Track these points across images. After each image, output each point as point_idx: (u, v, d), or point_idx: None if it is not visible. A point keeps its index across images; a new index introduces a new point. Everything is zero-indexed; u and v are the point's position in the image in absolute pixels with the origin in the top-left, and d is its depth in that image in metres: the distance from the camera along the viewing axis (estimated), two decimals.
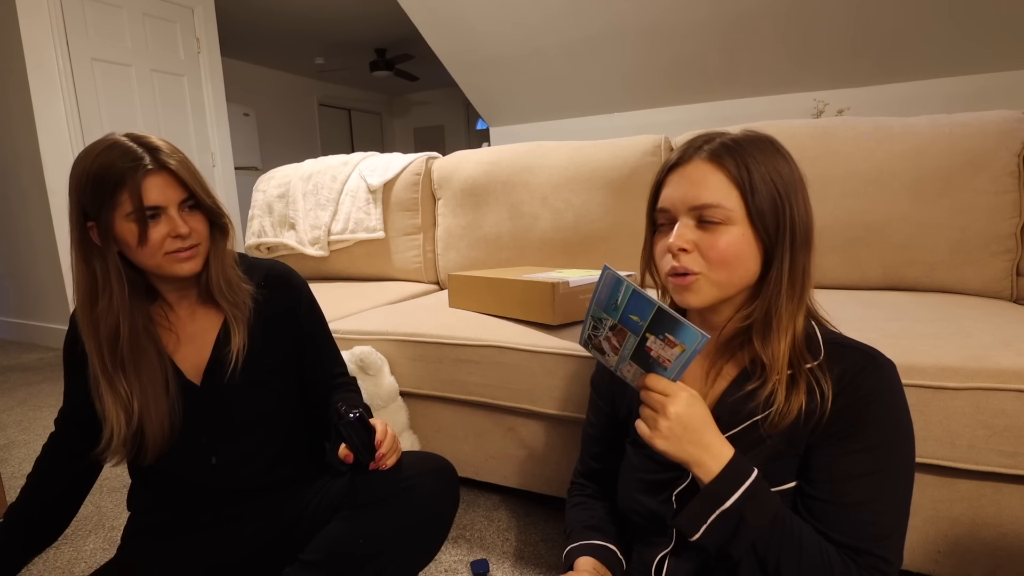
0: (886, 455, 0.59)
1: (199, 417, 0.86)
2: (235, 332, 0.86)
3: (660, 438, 0.59)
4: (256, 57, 6.07)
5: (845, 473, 0.60)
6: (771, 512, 0.58)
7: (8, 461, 1.71)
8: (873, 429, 0.59)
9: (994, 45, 2.99)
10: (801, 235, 0.62)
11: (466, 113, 7.92)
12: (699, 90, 3.87)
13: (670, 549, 0.69)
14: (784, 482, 0.63)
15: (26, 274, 3.25)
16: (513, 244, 1.77)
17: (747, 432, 0.64)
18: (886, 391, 0.60)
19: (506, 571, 1.09)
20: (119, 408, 0.80)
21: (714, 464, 0.59)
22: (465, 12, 3.76)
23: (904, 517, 0.61)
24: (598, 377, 0.86)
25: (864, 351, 0.63)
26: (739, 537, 0.58)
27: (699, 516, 0.59)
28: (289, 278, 0.96)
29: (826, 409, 0.59)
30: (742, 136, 0.64)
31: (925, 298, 1.26)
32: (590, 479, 0.88)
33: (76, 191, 0.76)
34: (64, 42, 2.83)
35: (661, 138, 1.62)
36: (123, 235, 0.76)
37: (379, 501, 0.83)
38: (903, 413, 0.61)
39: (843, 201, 1.37)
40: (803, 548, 0.58)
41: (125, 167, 0.74)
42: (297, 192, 2.09)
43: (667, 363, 0.58)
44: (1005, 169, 1.27)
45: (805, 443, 0.62)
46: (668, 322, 0.56)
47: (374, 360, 1.21)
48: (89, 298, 0.79)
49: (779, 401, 0.61)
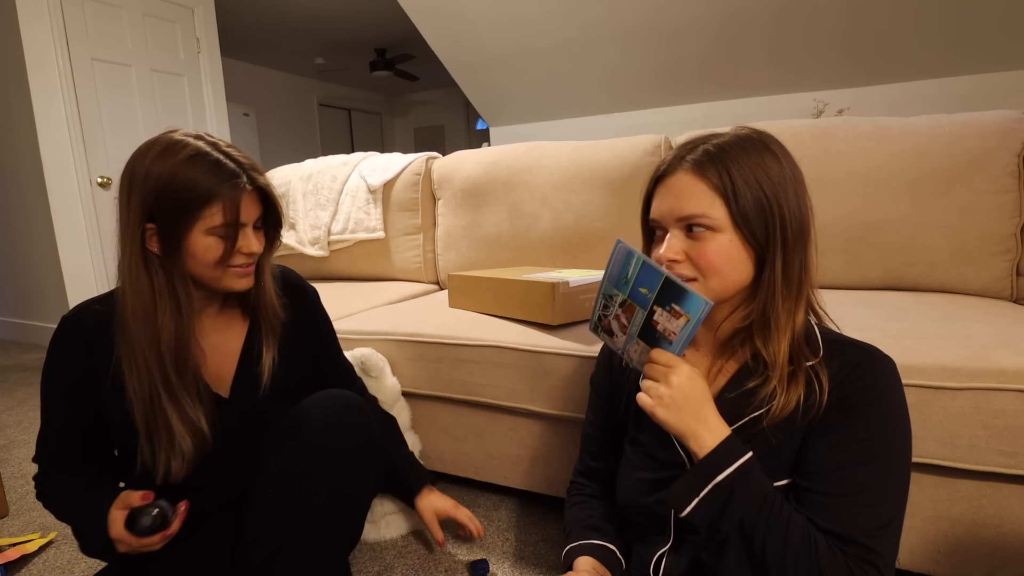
0: (880, 447, 0.60)
1: (230, 431, 0.84)
2: (268, 347, 0.85)
3: (661, 406, 0.60)
4: (256, 57, 6.07)
5: (837, 463, 0.60)
6: (761, 493, 0.59)
7: (8, 461, 1.71)
8: (867, 422, 0.60)
9: (993, 45, 2.99)
10: (794, 233, 0.62)
11: (466, 113, 7.92)
12: (699, 90, 3.87)
13: (668, 547, 0.69)
14: (779, 478, 0.63)
15: (26, 274, 3.25)
16: (513, 244, 1.77)
17: (746, 428, 0.64)
18: (884, 385, 0.61)
19: (506, 571, 1.09)
20: (185, 426, 0.76)
21: (710, 438, 0.60)
22: (465, 12, 3.76)
23: (899, 511, 0.61)
24: (598, 376, 0.86)
25: (862, 347, 0.63)
26: (728, 514, 0.58)
27: (692, 489, 0.59)
28: (303, 286, 0.96)
29: (823, 404, 0.60)
30: (728, 140, 0.64)
31: (925, 298, 1.26)
32: (589, 478, 0.88)
33: (143, 192, 0.71)
34: (64, 42, 2.83)
35: (661, 138, 1.62)
36: (197, 248, 0.73)
37: (275, 446, 0.80)
38: (900, 408, 0.61)
39: (843, 201, 1.37)
40: (789, 532, 0.58)
41: (222, 182, 0.71)
42: (297, 192, 2.09)
43: (672, 336, 0.61)
44: (1005, 169, 1.27)
45: (800, 437, 0.62)
46: (675, 291, 0.59)
47: (376, 362, 1.22)
48: (147, 307, 0.73)
49: (778, 396, 0.62)
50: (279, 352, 0.87)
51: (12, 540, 1.26)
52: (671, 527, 0.69)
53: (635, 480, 0.74)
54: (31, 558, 1.21)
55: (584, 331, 1.13)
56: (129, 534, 0.71)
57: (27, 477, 1.59)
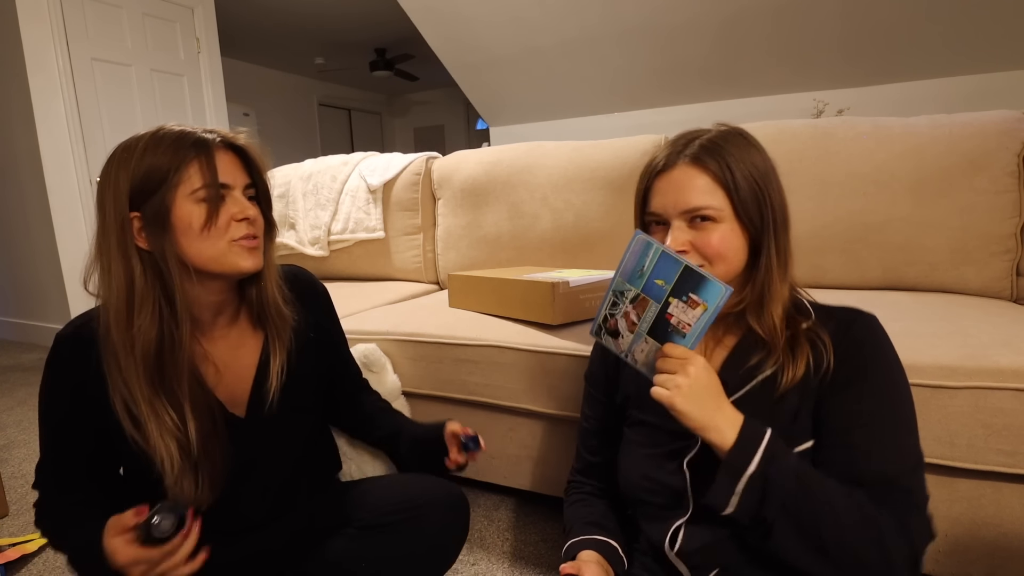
0: (894, 393, 0.63)
1: (248, 452, 0.78)
2: (274, 357, 0.78)
3: (680, 396, 0.60)
4: (256, 57, 6.07)
5: (856, 416, 0.62)
6: (792, 468, 0.59)
7: (8, 461, 1.71)
8: (873, 371, 0.63)
9: (993, 45, 2.99)
10: (781, 218, 0.67)
11: (466, 113, 7.92)
12: (699, 90, 3.87)
13: (687, 518, 0.69)
14: (802, 442, 0.64)
15: (26, 274, 3.25)
16: (513, 244, 1.77)
17: (757, 394, 0.66)
18: (880, 337, 0.65)
19: (506, 571, 1.09)
20: (167, 437, 0.68)
21: (729, 428, 0.60)
22: (465, 12, 3.76)
23: (919, 452, 0.63)
24: (592, 369, 0.87)
25: (847, 308, 0.68)
26: (769, 499, 0.58)
27: (727, 488, 0.59)
28: (314, 285, 0.90)
29: (831, 360, 0.63)
30: (717, 134, 0.68)
31: (925, 298, 1.26)
32: (588, 476, 0.88)
33: (121, 174, 0.67)
34: (64, 42, 2.83)
35: (661, 138, 1.62)
36: (184, 218, 0.67)
37: (387, 525, 0.80)
38: (894, 356, 0.65)
39: (843, 201, 1.37)
40: (831, 496, 0.58)
41: (194, 141, 0.68)
42: (297, 192, 2.09)
43: (686, 328, 0.61)
44: (1005, 169, 1.27)
45: (813, 398, 0.65)
46: (693, 279, 0.59)
47: (377, 358, 1.22)
48: (128, 307, 0.67)
49: (786, 362, 0.65)
50: (297, 357, 0.81)
51: (12, 540, 1.26)
52: (689, 498, 0.69)
53: (642, 458, 0.74)
54: (31, 558, 1.21)
55: (584, 331, 1.13)
56: (147, 548, 0.61)
57: (27, 477, 1.59)
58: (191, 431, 0.70)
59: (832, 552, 0.57)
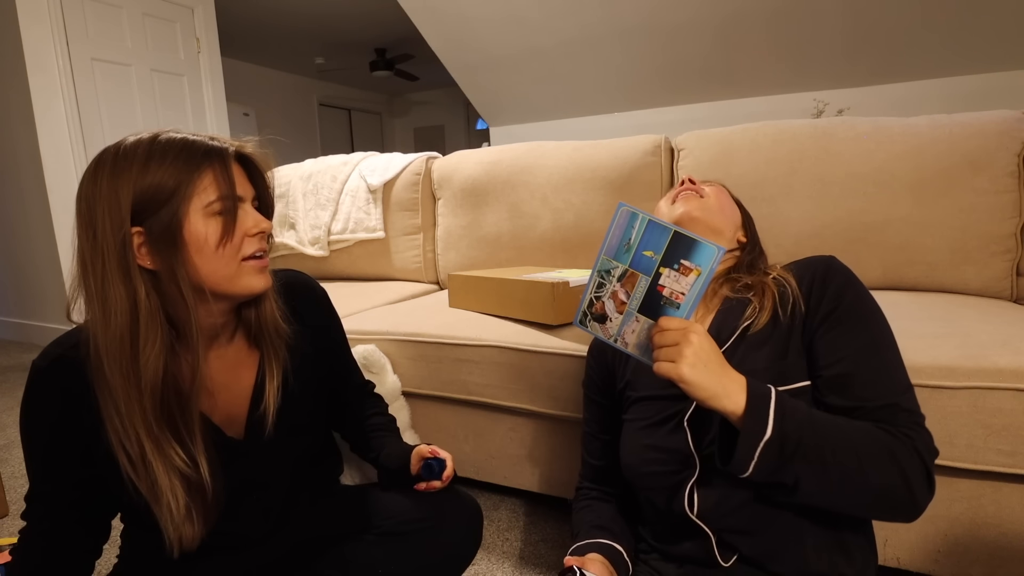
0: (874, 322, 0.67)
1: (248, 473, 0.74)
2: (271, 377, 0.73)
3: (687, 366, 0.57)
4: (256, 57, 6.07)
5: (848, 345, 0.65)
6: (805, 418, 0.59)
7: (8, 461, 1.71)
8: (853, 301, 0.67)
9: (993, 45, 2.99)
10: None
11: (466, 113, 7.92)
12: (699, 90, 3.88)
13: (695, 478, 0.68)
14: (797, 380, 0.66)
15: (26, 274, 3.25)
16: (513, 244, 1.77)
17: (739, 343, 0.70)
18: (848, 273, 0.71)
19: (506, 571, 1.09)
20: (173, 476, 0.63)
21: (738, 391, 0.58)
22: (465, 12, 3.76)
23: (907, 373, 0.66)
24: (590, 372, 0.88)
25: (810, 257, 0.74)
26: (786, 454, 0.57)
27: (748, 455, 0.58)
28: (311, 289, 0.86)
29: (798, 294, 0.69)
30: None
31: (925, 298, 1.26)
32: (596, 480, 0.88)
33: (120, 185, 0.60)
34: (64, 42, 2.83)
35: (661, 138, 1.62)
36: (198, 233, 0.61)
37: (407, 533, 0.81)
38: (866, 290, 0.70)
39: (843, 201, 1.37)
40: (846, 434, 0.59)
41: (207, 149, 0.63)
42: (297, 192, 2.09)
43: (680, 298, 0.59)
44: (1005, 169, 1.27)
45: (802, 336, 0.68)
46: (684, 244, 0.57)
47: (377, 359, 1.22)
48: (132, 337, 0.60)
49: (758, 306, 0.70)
50: (295, 373, 0.77)
51: (12, 540, 1.26)
52: (694, 455, 0.69)
53: (642, 431, 0.75)
54: None
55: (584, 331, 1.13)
56: None
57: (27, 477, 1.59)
58: (203, 465, 0.65)
59: (858, 487, 0.58)
